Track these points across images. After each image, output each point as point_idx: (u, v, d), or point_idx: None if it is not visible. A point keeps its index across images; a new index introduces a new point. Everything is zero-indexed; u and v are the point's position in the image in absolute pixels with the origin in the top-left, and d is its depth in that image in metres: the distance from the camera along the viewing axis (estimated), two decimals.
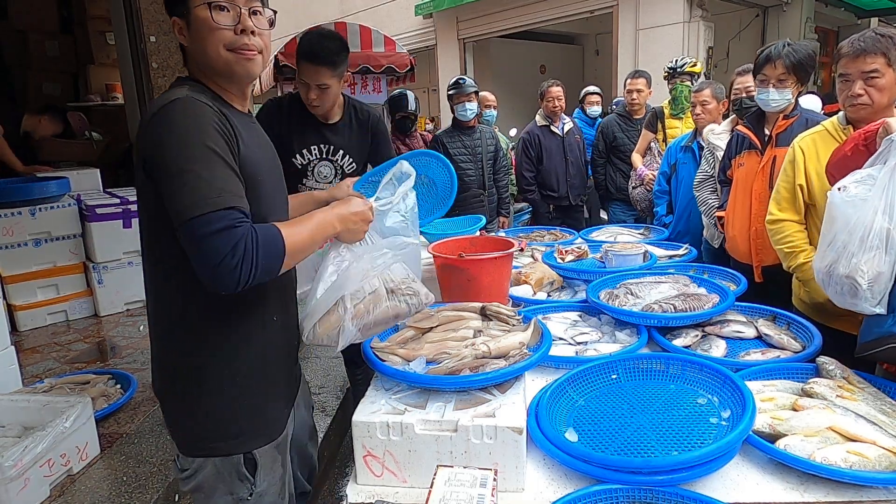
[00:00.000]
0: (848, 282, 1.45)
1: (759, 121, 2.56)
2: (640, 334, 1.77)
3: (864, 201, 1.43)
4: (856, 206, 1.45)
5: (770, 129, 2.48)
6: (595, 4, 9.89)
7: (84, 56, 6.53)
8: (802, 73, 2.36)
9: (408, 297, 1.39)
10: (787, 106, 2.41)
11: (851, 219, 1.45)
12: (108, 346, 3.61)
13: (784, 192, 2.11)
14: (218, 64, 1.18)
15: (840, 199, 1.48)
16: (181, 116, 1.07)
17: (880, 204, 1.41)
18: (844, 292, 1.49)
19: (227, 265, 1.02)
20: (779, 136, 2.42)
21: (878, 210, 1.41)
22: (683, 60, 4.26)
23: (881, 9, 11.44)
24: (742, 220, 2.54)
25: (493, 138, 4.14)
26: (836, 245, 1.48)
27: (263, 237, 1.07)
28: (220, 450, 1.22)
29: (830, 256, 1.50)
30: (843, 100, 1.86)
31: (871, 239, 1.41)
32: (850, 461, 1.14)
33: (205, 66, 1.20)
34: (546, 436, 1.24)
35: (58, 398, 2.36)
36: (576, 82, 13.99)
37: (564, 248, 2.54)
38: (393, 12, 12.59)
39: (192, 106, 1.09)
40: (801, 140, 2.08)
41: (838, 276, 1.48)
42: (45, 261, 3.93)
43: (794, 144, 2.09)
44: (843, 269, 1.46)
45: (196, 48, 1.18)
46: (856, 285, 1.44)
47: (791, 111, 2.44)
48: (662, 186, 3.57)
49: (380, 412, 1.24)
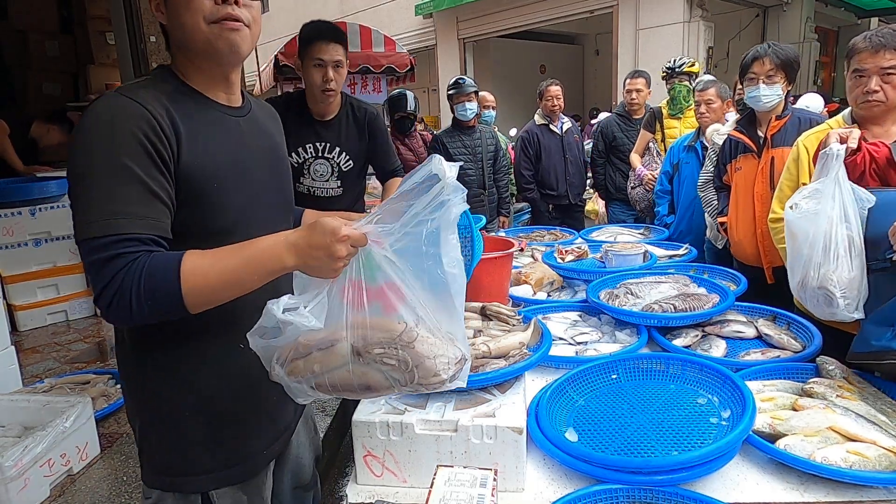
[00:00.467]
0: (822, 292, 1.51)
1: (752, 123, 2.56)
2: (640, 334, 1.77)
3: (816, 214, 1.51)
4: (810, 219, 1.53)
5: (763, 131, 2.48)
6: (595, 4, 9.89)
7: (84, 56, 6.53)
8: (790, 71, 2.37)
9: (388, 366, 0.92)
10: (778, 104, 2.41)
11: (810, 232, 1.51)
12: (108, 346, 3.61)
13: (787, 191, 2.11)
14: (197, 40, 1.02)
15: (795, 217, 1.56)
16: (94, 120, 0.94)
17: (834, 213, 1.49)
18: (821, 303, 1.54)
19: (105, 298, 0.89)
20: (773, 137, 2.41)
21: (833, 220, 1.48)
22: (682, 60, 4.26)
23: (881, 9, 11.44)
24: (746, 224, 2.53)
25: (492, 138, 4.14)
26: (802, 260, 1.55)
27: (150, 269, 0.89)
28: (178, 485, 1.10)
29: (800, 272, 1.56)
30: (854, 96, 1.80)
31: (833, 249, 1.47)
32: (850, 461, 1.14)
33: (183, 45, 1.05)
34: (546, 436, 1.24)
35: (58, 398, 2.36)
36: (576, 82, 14.04)
37: (564, 248, 2.54)
38: (393, 12, 12.60)
39: (114, 107, 0.95)
40: (804, 139, 2.08)
41: (812, 289, 1.53)
42: (45, 261, 3.93)
43: (797, 143, 2.09)
44: (813, 282, 1.52)
45: (174, 24, 1.03)
46: (830, 294, 1.49)
47: (783, 111, 2.45)
48: (664, 186, 3.56)
49: (380, 412, 1.24)
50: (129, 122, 0.93)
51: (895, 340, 1.36)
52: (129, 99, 0.96)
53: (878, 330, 1.41)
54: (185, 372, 1.08)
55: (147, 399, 1.09)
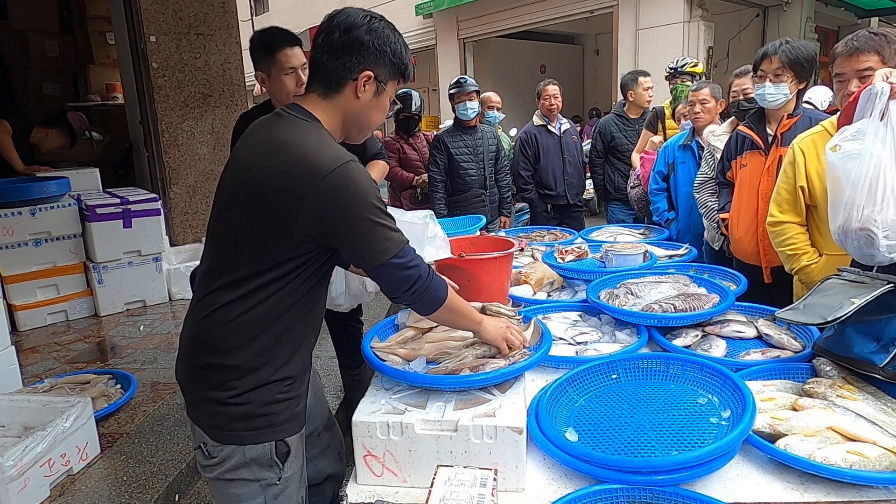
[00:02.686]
0: (863, 234, 1.42)
1: (761, 120, 2.55)
2: (640, 334, 1.77)
3: (859, 154, 1.44)
4: (853, 159, 1.44)
5: (773, 129, 2.47)
6: (595, 4, 9.90)
7: (84, 56, 6.53)
8: (800, 70, 2.35)
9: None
10: (785, 102, 2.40)
11: (852, 173, 1.44)
12: (108, 346, 3.61)
13: (785, 194, 2.11)
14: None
15: (836, 158, 1.48)
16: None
17: (881, 152, 1.41)
18: (862, 245, 1.45)
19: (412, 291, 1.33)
20: (784, 136, 2.40)
21: (878, 159, 1.41)
22: (684, 61, 4.27)
23: (881, 9, 11.45)
24: (748, 221, 2.52)
25: (494, 138, 4.14)
26: (844, 202, 1.46)
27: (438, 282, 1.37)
28: (257, 437, 1.27)
29: (842, 215, 1.47)
30: (839, 99, 1.86)
31: (881, 189, 1.40)
32: (850, 461, 1.13)
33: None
34: (546, 436, 1.24)
35: (58, 398, 2.36)
36: (576, 82, 14.05)
37: (564, 248, 2.54)
38: (393, 12, 12.60)
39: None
40: (800, 141, 2.08)
41: (853, 231, 1.45)
42: (45, 261, 3.93)
43: (793, 145, 2.09)
44: (855, 224, 1.44)
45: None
46: (872, 236, 1.41)
47: (794, 110, 2.44)
48: (660, 184, 3.55)
49: (380, 412, 1.25)
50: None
51: (878, 354, 1.35)
52: None
53: (863, 340, 1.41)
54: (291, 350, 1.30)
55: (251, 367, 1.26)
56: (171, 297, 4.41)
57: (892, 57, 1.80)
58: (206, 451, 1.29)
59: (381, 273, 1.25)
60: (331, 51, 1.26)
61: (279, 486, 1.31)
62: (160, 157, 4.95)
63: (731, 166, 2.67)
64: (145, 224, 4.19)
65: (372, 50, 1.26)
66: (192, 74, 4.99)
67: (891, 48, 1.79)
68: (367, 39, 1.26)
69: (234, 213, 1.25)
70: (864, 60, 1.77)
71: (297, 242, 1.20)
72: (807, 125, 2.29)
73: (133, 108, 5.29)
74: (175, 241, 4.98)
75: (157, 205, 4.29)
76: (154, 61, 4.80)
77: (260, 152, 1.23)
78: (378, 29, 1.28)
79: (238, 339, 1.24)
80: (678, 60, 4.29)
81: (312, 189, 1.15)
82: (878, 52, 1.77)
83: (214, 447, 1.28)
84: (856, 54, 1.79)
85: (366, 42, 1.25)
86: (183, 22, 4.90)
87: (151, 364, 3.29)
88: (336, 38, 1.26)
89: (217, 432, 1.27)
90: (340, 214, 1.17)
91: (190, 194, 5.09)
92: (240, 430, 1.26)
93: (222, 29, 5.13)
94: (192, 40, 4.96)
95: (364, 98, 1.29)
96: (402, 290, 1.27)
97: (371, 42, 1.26)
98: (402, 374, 1.35)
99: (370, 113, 1.33)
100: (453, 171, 3.93)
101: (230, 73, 5.20)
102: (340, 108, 1.30)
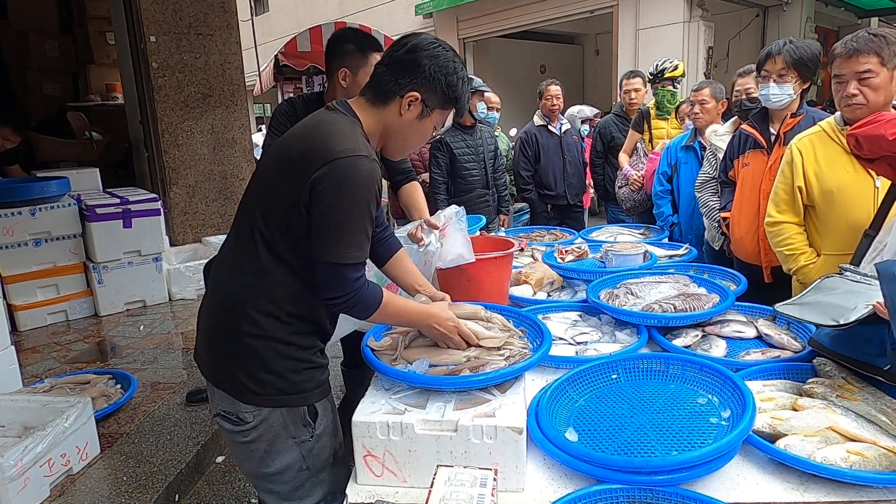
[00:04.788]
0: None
1: (765, 120, 2.54)
2: (640, 334, 1.77)
3: None
4: None
5: (777, 129, 2.47)
6: (595, 4, 9.90)
7: (84, 56, 6.54)
8: (804, 70, 2.35)
9: None
10: (788, 102, 2.40)
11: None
12: (108, 346, 3.62)
13: (783, 194, 2.11)
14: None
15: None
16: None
17: None
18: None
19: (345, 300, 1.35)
20: (787, 135, 2.39)
21: None
22: (664, 65, 4.20)
23: (881, 9, 11.45)
24: (749, 221, 2.52)
25: (491, 137, 4.14)
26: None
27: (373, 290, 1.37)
28: (293, 401, 1.37)
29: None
30: (838, 100, 1.86)
31: None
32: (850, 461, 1.13)
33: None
34: (546, 436, 1.24)
35: (58, 398, 2.36)
36: (576, 82, 14.04)
37: (564, 248, 2.53)
38: (393, 12, 12.62)
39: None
40: (798, 141, 2.08)
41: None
42: (45, 261, 3.93)
43: (791, 146, 2.09)
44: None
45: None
46: None
47: (798, 109, 2.44)
48: (664, 186, 3.53)
49: (380, 412, 1.24)
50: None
51: (882, 357, 1.35)
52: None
53: (867, 341, 1.39)
54: (321, 324, 1.41)
55: (285, 338, 1.34)
56: (171, 297, 4.42)
57: (891, 59, 1.80)
58: (239, 418, 1.35)
59: (328, 271, 1.27)
60: (390, 64, 1.34)
61: (312, 441, 1.40)
62: (160, 157, 4.96)
63: (733, 165, 2.67)
64: (145, 224, 4.20)
65: (426, 74, 1.32)
66: (192, 74, 4.99)
67: (890, 49, 1.80)
68: (425, 63, 1.32)
69: (267, 179, 1.33)
70: (863, 62, 1.78)
71: (305, 218, 1.26)
72: (810, 125, 2.29)
73: (133, 107, 5.30)
74: (175, 241, 4.98)
75: (157, 205, 4.29)
76: (154, 61, 4.80)
77: (300, 128, 1.34)
78: (439, 56, 1.33)
79: (271, 306, 1.30)
80: (657, 65, 4.24)
81: (321, 164, 1.21)
82: (878, 53, 1.77)
83: (248, 412, 1.34)
84: (855, 55, 1.79)
85: (423, 65, 1.32)
86: (183, 22, 4.90)
87: (151, 364, 3.29)
88: (399, 54, 1.34)
89: (250, 397, 1.34)
90: (330, 194, 1.21)
91: (190, 194, 5.10)
92: (275, 395, 1.34)
93: (222, 29, 5.13)
94: (192, 40, 4.97)
95: (406, 117, 1.35)
96: (335, 297, 1.28)
97: (428, 66, 1.32)
98: (402, 374, 1.35)
99: (410, 133, 1.39)
100: (455, 172, 3.92)
101: (230, 73, 5.21)
102: (383, 119, 1.36)
